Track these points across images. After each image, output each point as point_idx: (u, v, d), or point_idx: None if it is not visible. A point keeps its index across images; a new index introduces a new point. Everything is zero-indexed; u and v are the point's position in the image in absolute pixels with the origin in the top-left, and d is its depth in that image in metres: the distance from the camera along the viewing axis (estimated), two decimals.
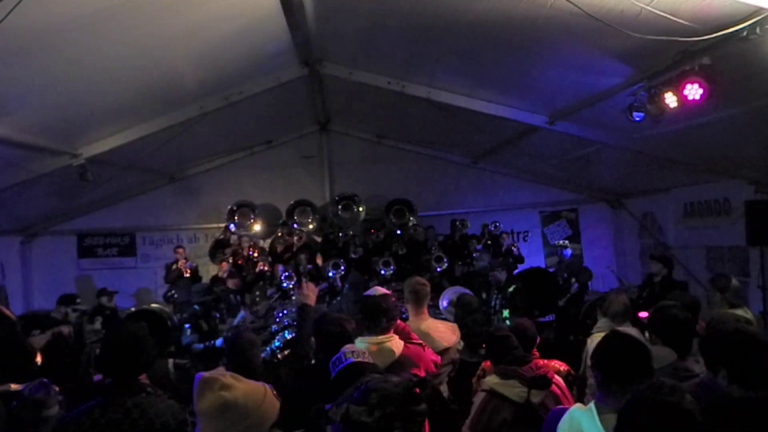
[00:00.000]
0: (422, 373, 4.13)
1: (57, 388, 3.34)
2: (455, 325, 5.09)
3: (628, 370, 2.67)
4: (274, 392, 2.59)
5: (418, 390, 2.32)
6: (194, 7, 5.60)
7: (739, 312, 5.34)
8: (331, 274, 10.58)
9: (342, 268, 10.61)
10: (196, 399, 2.38)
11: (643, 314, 5.40)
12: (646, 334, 4.05)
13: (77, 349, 4.82)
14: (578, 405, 2.87)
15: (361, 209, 12.06)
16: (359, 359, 3.08)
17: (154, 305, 6.88)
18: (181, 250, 11.47)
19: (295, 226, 11.81)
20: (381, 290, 4.32)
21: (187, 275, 10.97)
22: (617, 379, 2.67)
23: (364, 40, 7.56)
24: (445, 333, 4.83)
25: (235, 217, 11.66)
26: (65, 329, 4.15)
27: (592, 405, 2.71)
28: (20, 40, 4.78)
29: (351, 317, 3.88)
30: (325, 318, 3.81)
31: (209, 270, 11.64)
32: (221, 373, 2.46)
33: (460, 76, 7.98)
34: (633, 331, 3.66)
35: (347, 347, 3.25)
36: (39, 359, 3.49)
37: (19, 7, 3.96)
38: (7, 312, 3.67)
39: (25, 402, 3.24)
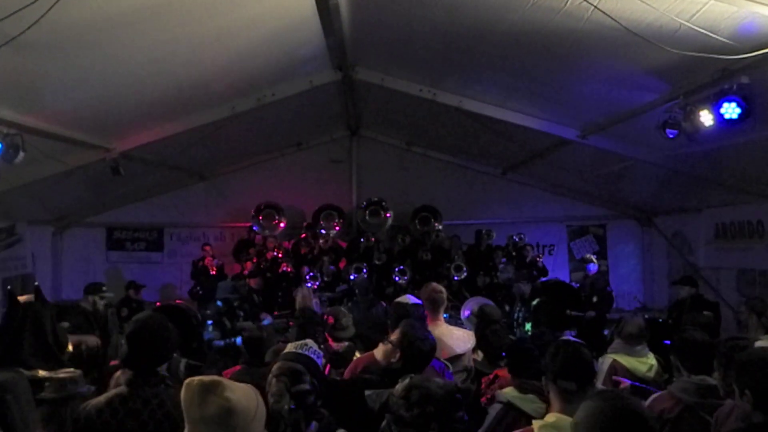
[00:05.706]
0: None
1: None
2: (471, 333, 5.10)
3: None
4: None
5: (460, 396, 2.29)
6: (231, 8, 5.66)
7: None
8: (352, 277, 10.58)
9: (365, 272, 10.60)
10: (197, 406, 2.20)
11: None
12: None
13: (104, 341, 4.87)
14: None
15: (388, 215, 11.99)
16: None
17: (179, 301, 6.95)
18: (208, 247, 11.65)
19: (323, 231, 11.83)
20: (413, 299, 4.31)
21: (213, 273, 11.17)
22: None
23: (397, 47, 7.57)
24: (459, 340, 4.84)
25: (260, 218, 11.73)
26: (91, 340, 4.11)
27: None
28: (60, 35, 4.88)
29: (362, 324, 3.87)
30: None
31: (234, 268, 11.73)
32: (215, 377, 2.31)
33: (493, 86, 7.94)
34: None
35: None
36: (71, 348, 3.53)
37: (59, 4, 4.04)
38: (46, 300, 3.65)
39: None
